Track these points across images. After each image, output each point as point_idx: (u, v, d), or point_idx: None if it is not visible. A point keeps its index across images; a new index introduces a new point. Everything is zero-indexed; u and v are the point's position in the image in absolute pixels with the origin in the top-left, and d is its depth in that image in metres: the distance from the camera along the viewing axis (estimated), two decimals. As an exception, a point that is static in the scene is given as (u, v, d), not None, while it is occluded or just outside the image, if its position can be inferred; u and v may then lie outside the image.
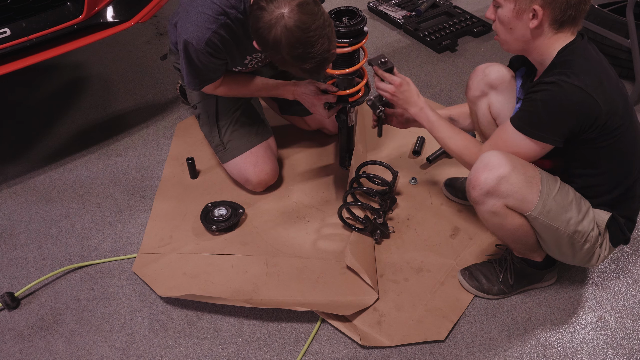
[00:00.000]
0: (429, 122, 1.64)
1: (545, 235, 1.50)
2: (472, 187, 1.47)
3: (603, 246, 1.56)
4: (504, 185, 1.41)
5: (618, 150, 1.44)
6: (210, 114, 2.04)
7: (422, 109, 1.64)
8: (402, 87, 1.66)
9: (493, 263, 1.76)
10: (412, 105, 1.66)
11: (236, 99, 2.03)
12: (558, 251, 1.56)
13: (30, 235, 1.99)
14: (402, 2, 3.23)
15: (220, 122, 2.03)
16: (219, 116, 2.03)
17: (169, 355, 1.64)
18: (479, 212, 1.53)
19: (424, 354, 1.61)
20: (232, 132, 2.02)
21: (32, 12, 1.92)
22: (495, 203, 1.45)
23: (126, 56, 2.89)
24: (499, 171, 1.41)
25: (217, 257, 1.87)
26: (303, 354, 1.62)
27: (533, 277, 1.72)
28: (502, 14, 1.42)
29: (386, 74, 1.68)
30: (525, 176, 1.43)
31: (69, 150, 2.33)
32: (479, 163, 1.46)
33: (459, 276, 1.76)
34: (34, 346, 1.67)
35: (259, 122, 2.08)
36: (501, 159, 1.42)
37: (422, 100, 1.65)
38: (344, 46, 1.69)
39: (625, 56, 2.51)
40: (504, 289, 1.72)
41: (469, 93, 1.78)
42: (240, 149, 2.02)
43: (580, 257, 1.55)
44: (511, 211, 1.47)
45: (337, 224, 1.94)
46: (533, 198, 1.43)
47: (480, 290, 1.73)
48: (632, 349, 1.62)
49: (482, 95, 1.75)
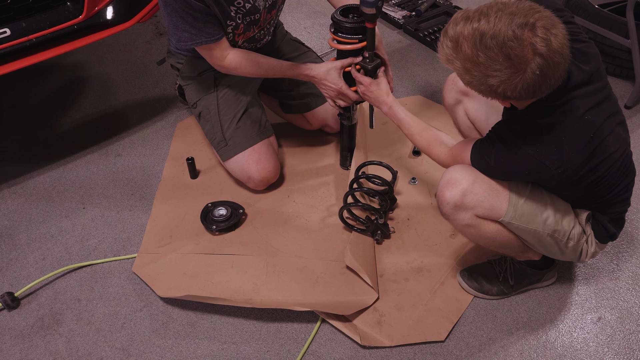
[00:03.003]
0: (397, 119, 1.68)
1: (526, 237, 1.52)
2: (440, 205, 1.52)
3: (589, 242, 1.57)
4: (469, 197, 1.45)
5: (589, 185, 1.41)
6: (212, 110, 2.03)
7: (391, 107, 1.69)
8: (371, 87, 1.72)
9: (493, 264, 1.76)
10: (382, 103, 1.72)
11: (237, 99, 2.03)
12: (545, 249, 1.57)
13: (30, 235, 1.99)
14: (402, 2, 3.23)
15: (222, 119, 2.02)
16: (221, 114, 2.03)
17: (169, 355, 1.64)
18: (455, 227, 1.58)
19: (423, 354, 1.62)
20: (234, 129, 2.01)
21: (32, 12, 1.92)
22: (465, 215, 1.49)
23: (126, 56, 2.89)
24: (462, 185, 1.46)
25: (217, 257, 1.87)
26: (303, 354, 1.62)
27: (533, 277, 1.73)
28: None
29: (358, 75, 1.75)
30: (490, 185, 1.46)
31: (69, 150, 2.33)
32: (443, 180, 1.51)
33: (459, 278, 1.77)
34: (34, 346, 1.67)
35: (261, 121, 2.08)
36: (463, 173, 1.47)
37: (391, 98, 1.70)
38: (354, 42, 1.75)
39: (625, 56, 2.51)
40: (504, 290, 1.73)
41: (445, 102, 1.86)
42: (243, 145, 2.00)
43: (569, 253, 1.57)
44: (484, 220, 1.50)
45: (337, 224, 1.94)
46: (502, 205, 1.46)
47: (480, 291, 1.73)
48: (632, 349, 1.62)
49: (456, 103, 1.82)
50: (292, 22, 3.12)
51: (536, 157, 1.32)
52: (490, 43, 1.18)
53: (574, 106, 1.32)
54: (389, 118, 1.71)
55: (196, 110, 2.08)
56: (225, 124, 2.02)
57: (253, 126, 2.04)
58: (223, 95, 2.02)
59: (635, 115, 2.42)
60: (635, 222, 1.98)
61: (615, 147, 1.38)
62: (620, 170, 1.43)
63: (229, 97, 2.02)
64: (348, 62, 1.79)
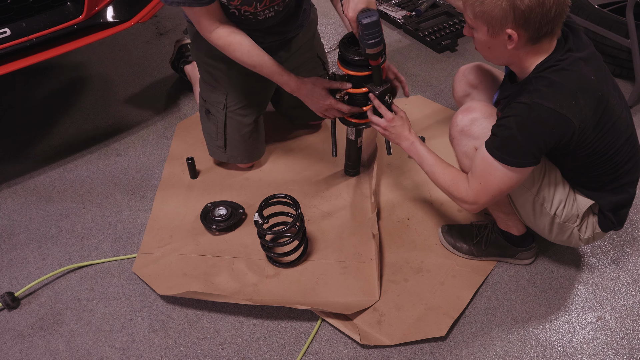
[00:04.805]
0: (419, 156, 1.64)
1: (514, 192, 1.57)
2: (450, 126, 1.61)
3: (583, 229, 1.60)
4: (476, 126, 1.53)
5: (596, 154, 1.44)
6: (219, 122, 2.02)
7: (413, 143, 1.65)
8: (394, 122, 1.66)
9: (474, 227, 1.85)
10: (403, 139, 1.67)
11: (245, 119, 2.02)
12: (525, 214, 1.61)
13: (30, 235, 1.99)
14: (402, 2, 3.23)
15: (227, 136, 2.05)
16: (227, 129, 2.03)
17: (169, 355, 1.64)
18: (455, 153, 1.64)
19: (424, 354, 1.62)
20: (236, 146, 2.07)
21: (32, 12, 1.92)
22: (468, 143, 1.55)
23: (126, 56, 2.89)
24: (474, 114, 1.55)
25: (218, 258, 1.86)
26: (303, 354, 1.62)
27: (506, 250, 1.81)
28: (478, 36, 1.41)
29: (382, 106, 1.67)
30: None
31: (69, 150, 2.33)
32: (462, 107, 1.60)
33: (439, 230, 1.90)
34: (34, 346, 1.67)
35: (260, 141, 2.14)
36: (481, 106, 1.57)
37: (413, 134, 1.67)
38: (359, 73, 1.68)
39: (625, 56, 2.51)
40: (473, 251, 1.83)
41: (455, 94, 1.87)
42: (237, 160, 2.12)
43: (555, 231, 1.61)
44: None
45: (337, 224, 1.94)
46: None
47: (452, 246, 1.85)
48: (632, 349, 1.62)
49: (465, 95, 1.82)
50: (292, 22, 3.12)
51: (558, 110, 1.31)
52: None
53: (580, 65, 1.35)
54: (409, 154, 1.66)
55: (205, 105, 2.05)
56: (230, 140, 2.06)
57: (253, 147, 2.11)
58: (232, 115, 2.01)
59: (635, 115, 2.42)
60: (635, 222, 1.98)
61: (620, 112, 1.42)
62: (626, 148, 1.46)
63: (237, 117, 2.01)
64: (337, 86, 1.74)
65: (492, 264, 1.83)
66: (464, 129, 1.55)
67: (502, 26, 1.32)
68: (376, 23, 1.48)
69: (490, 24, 1.34)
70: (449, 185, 1.56)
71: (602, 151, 1.43)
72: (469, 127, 1.54)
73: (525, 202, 1.58)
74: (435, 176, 1.60)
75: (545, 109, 1.32)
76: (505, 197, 1.62)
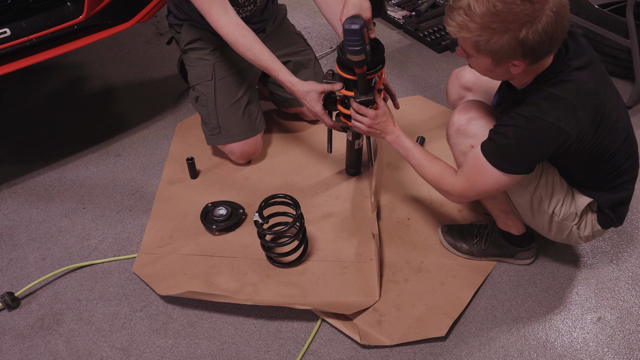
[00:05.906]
0: (404, 149, 1.64)
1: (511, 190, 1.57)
2: (447, 125, 1.61)
3: (582, 227, 1.60)
4: (473, 125, 1.53)
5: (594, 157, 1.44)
6: (209, 97, 2.06)
7: (398, 136, 1.65)
8: (377, 119, 1.65)
9: (474, 226, 1.85)
10: (388, 133, 1.66)
11: (235, 89, 2.06)
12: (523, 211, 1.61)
13: (30, 235, 1.99)
14: (402, 2, 3.23)
15: (218, 108, 2.06)
16: (217, 102, 2.05)
17: (169, 355, 1.64)
18: (452, 152, 1.64)
19: (424, 354, 1.62)
20: (230, 120, 2.07)
21: (32, 12, 1.92)
22: (464, 141, 1.55)
23: (126, 56, 2.90)
24: (472, 113, 1.55)
25: (218, 258, 1.87)
26: (303, 354, 1.62)
27: (506, 250, 1.80)
28: (477, 62, 1.37)
29: (362, 107, 1.65)
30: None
31: (69, 150, 2.33)
32: (460, 105, 1.60)
33: (439, 230, 1.90)
34: (34, 346, 1.67)
35: (257, 118, 2.14)
36: (478, 105, 1.57)
37: (397, 128, 1.66)
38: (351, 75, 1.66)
39: (625, 56, 2.51)
40: (473, 251, 1.82)
41: (449, 98, 1.87)
42: (235, 138, 2.10)
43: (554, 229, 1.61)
44: None
45: (337, 224, 1.94)
46: None
47: (452, 246, 1.84)
48: (632, 349, 1.62)
49: (459, 98, 1.82)
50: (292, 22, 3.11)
51: (556, 123, 1.31)
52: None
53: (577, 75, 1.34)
54: (395, 147, 1.66)
55: (193, 93, 2.12)
56: (222, 114, 2.06)
57: (249, 121, 2.10)
58: (221, 84, 2.04)
59: (635, 115, 2.42)
60: (635, 221, 1.98)
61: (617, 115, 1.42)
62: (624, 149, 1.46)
63: (226, 86, 2.05)
64: (329, 89, 1.73)
65: (492, 264, 1.83)
66: (460, 127, 1.55)
67: (508, 59, 1.30)
68: (356, 32, 1.43)
69: (495, 58, 1.30)
70: (436, 178, 1.57)
71: (600, 154, 1.43)
72: (465, 126, 1.54)
73: (523, 200, 1.58)
74: (422, 169, 1.61)
75: (544, 122, 1.32)
76: (503, 195, 1.62)
